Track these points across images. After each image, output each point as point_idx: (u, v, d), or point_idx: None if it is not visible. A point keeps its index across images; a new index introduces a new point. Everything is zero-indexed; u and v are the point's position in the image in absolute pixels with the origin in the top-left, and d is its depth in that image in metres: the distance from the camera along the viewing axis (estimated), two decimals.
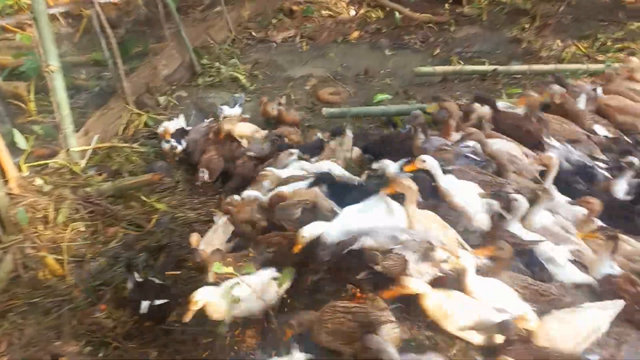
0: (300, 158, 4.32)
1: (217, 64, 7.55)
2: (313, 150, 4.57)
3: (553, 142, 3.94)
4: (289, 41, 8.77)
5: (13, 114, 5.79)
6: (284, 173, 3.95)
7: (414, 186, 2.92)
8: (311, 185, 3.51)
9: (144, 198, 4.61)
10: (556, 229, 3.19)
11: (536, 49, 7.79)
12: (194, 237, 3.42)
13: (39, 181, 4.45)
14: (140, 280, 3.35)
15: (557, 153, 3.76)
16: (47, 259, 3.95)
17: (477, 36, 8.71)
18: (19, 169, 4.40)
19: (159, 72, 6.98)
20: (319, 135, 5.01)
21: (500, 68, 6.89)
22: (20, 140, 4.56)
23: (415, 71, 7.02)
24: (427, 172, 3.30)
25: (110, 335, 3.36)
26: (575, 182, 3.68)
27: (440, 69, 7.08)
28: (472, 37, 8.68)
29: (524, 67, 6.86)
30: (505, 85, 6.62)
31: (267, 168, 4.09)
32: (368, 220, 2.84)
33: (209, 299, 2.68)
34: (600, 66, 6.33)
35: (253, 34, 8.76)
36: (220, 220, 3.49)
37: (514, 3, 9.44)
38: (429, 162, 3.28)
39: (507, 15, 9.22)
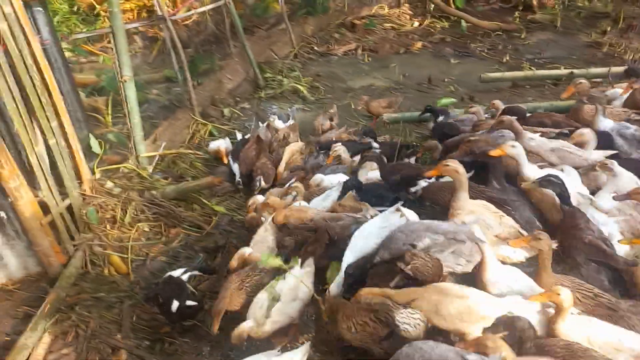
0: None
1: (279, 77, 7.71)
2: None
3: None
4: (350, 54, 8.79)
5: (92, 125, 6.21)
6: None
7: (462, 170, 2.67)
8: (342, 193, 3.34)
9: (204, 201, 4.70)
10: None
11: (619, 51, 7.19)
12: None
13: (109, 184, 4.68)
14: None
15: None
16: (112, 256, 4.10)
17: (550, 42, 8.25)
18: (92, 172, 4.66)
19: (224, 86, 7.24)
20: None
21: (576, 71, 6.40)
22: (94, 145, 4.84)
23: (482, 77, 6.71)
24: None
25: (167, 330, 3.37)
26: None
27: (509, 74, 6.72)
28: (545, 43, 8.24)
29: (604, 70, 6.30)
30: None
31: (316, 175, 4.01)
32: (384, 234, 2.63)
33: None
34: None
35: (315, 48, 8.88)
36: (268, 220, 3.39)
37: (591, 6, 8.84)
38: (517, 149, 3.00)
39: (584, 20, 8.67)
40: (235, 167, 5.15)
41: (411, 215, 2.78)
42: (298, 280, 2.69)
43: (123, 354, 3.26)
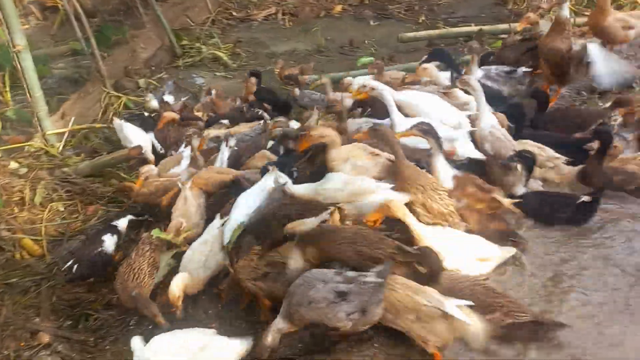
0: None
1: (197, 44, 7.40)
2: None
3: None
4: (270, 19, 8.60)
5: None
6: None
7: (332, 133, 2.91)
8: None
9: (123, 175, 4.48)
10: None
11: (522, 9, 7.64)
12: None
13: (13, 164, 4.32)
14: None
15: None
16: (24, 240, 3.83)
17: (461, 1, 8.58)
18: None
19: (138, 55, 6.84)
20: None
21: (485, 28, 6.74)
22: None
23: (400, 37, 6.86)
24: None
25: (91, 307, 3.24)
26: None
27: (424, 33, 6.93)
28: (456, 4, 8.55)
29: (505, 26, 6.71)
30: (491, 44, 6.48)
31: None
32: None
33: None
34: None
35: (233, 13, 8.59)
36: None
37: None
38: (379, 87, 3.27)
39: None
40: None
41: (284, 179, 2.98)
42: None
43: (44, 336, 3.08)
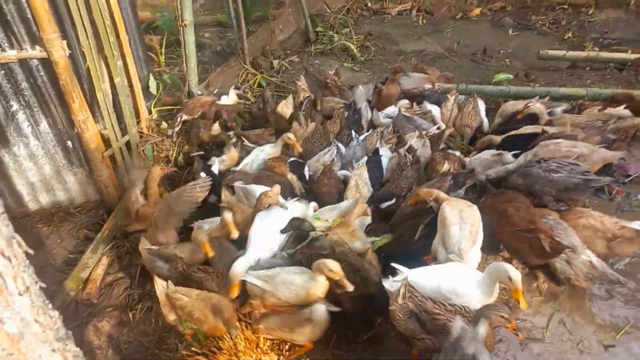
0: None
1: (330, 32, 7.61)
2: None
3: None
4: (404, 14, 8.54)
5: (147, 64, 6.39)
6: None
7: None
8: None
9: None
10: None
11: None
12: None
13: (164, 125, 4.90)
14: None
15: None
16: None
17: (619, 21, 7.74)
18: (149, 112, 4.88)
19: (275, 37, 7.23)
20: None
21: None
22: (152, 85, 5.03)
23: (541, 54, 6.45)
24: None
25: None
26: None
27: (570, 53, 6.42)
28: (614, 23, 7.74)
29: None
30: None
31: None
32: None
33: None
34: None
35: (369, 4, 8.64)
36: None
37: None
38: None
39: None
40: None
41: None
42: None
43: None
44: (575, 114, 4.49)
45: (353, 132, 4.40)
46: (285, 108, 5.05)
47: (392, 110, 5.02)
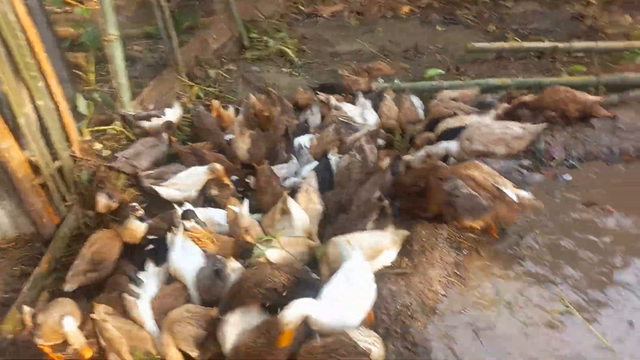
0: None
1: (265, 37, 7.58)
2: None
3: None
4: (336, 16, 8.67)
5: (76, 84, 6.06)
6: None
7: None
8: None
9: None
10: None
11: (602, 25, 7.31)
12: None
13: (98, 146, 4.66)
14: None
15: None
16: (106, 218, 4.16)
17: (535, 13, 8.30)
18: (81, 134, 4.62)
19: (210, 46, 7.09)
20: None
21: (561, 45, 6.50)
22: (82, 105, 4.77)
23: (468, 47, 6.76)
24: None
25: None
26: None
27: (495, 45, 6.79)
28: (531, 14, 8.29)
29: (590, 44, 6.40)
30: (565, 64, 6.26)
31: None
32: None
33: None
34: None
35: (301, 8, 8.70)
36: None
37: None
38: None
39: None
40: None
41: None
42: None
43: None
44: (505, 102, 4.76)
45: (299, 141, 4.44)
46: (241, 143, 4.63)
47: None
